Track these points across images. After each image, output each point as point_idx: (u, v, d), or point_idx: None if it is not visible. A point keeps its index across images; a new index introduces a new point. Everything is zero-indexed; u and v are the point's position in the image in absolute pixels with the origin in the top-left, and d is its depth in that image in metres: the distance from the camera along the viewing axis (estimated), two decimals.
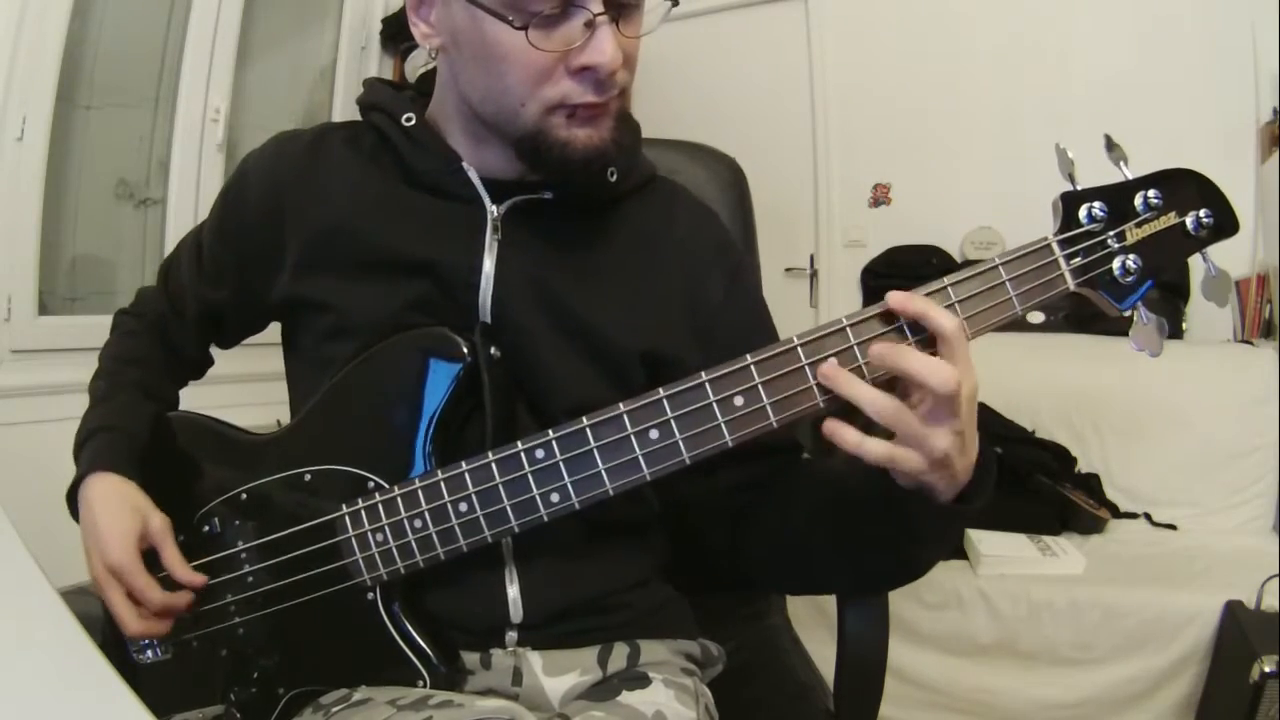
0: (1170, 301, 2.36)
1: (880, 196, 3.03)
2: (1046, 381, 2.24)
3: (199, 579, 0.72)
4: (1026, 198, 2.90)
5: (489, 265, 0.71)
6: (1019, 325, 2.43)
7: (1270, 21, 2.24)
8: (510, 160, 0.72)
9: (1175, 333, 2.36)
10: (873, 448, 0.56)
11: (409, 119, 0.73)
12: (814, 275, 3.13)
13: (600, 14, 0.62)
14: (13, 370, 1.79)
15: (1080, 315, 2.44)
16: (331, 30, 2.74)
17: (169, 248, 2.19)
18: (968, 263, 2.95)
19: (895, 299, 0.57)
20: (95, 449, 0.74)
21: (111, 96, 2.08)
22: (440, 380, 0.67)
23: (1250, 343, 2.26)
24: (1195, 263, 0.62)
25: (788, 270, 3.13)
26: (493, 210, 0.72)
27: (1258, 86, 2.40)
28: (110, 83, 2.07)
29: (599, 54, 0.62)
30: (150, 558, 0.72)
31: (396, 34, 2.81)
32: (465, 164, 0.72)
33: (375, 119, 0.75)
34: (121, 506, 0.71)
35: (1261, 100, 2.39)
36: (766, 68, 3.14)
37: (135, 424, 0.77)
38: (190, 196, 2.20)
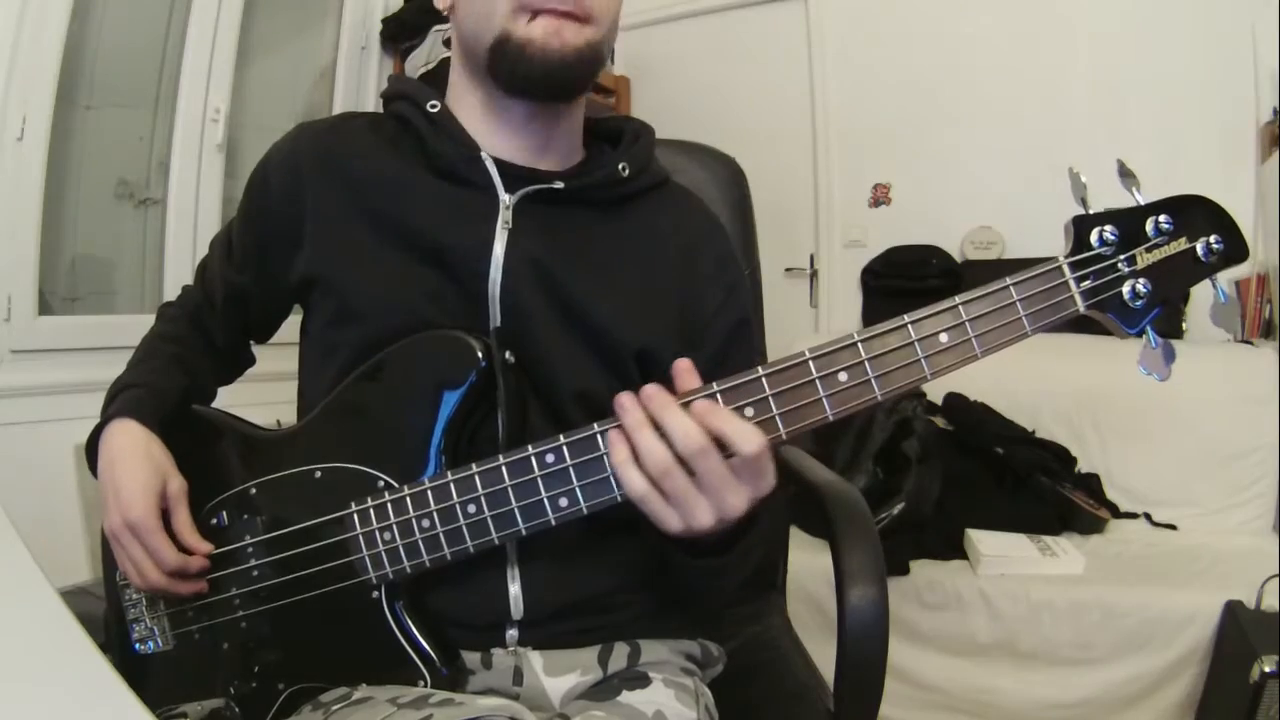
0: (1170, 302, 2.36)
1: (880, 196, 3.03)
2: (1046, 381, 2.24)
3: (205, 546, 0.73)
4: (1026, 198, 2.92)
5: (498, 251, 0.72)
6: None
7: (1270, 21, 2.24)
8: (521, 131, 0.76)
9: (1175, 333, 2.36)
10: (631, 476, 0.58)
11: (434, 105, 0.75)
12: (814, 275, 3.13)
13: None
14: (13, 370, 1.79)
15: (1080, 314, 2.44)
16: (331, 30, 2.74)
17: (169, 248, 2.22)
18: (968, 264, 2.97)
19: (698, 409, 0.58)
20: (122, 402, 0.75)
21: (111, 96, 2.08)
22: (455, 385, 0.67)
23: (1250, 343, 2.26)
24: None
25: (788, 270, 3.14)
26: (505, 198, 0.73)
27: (1258, 86, 2.40)
28: (110, 83, 2.07)
29: None
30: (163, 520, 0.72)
31: (396, 34, 2.81)
32: (483, 152, 0.74)
33: (399, 108, 0.77)
34: (144, 461, 0.72)
35: (1261, 100, 2.40)
36: (766, 68, 3.14)
37: (166, 387, 0.78)
38: (190, 196, 2.20)
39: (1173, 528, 2.05)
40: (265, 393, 1.12)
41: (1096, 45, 2.62)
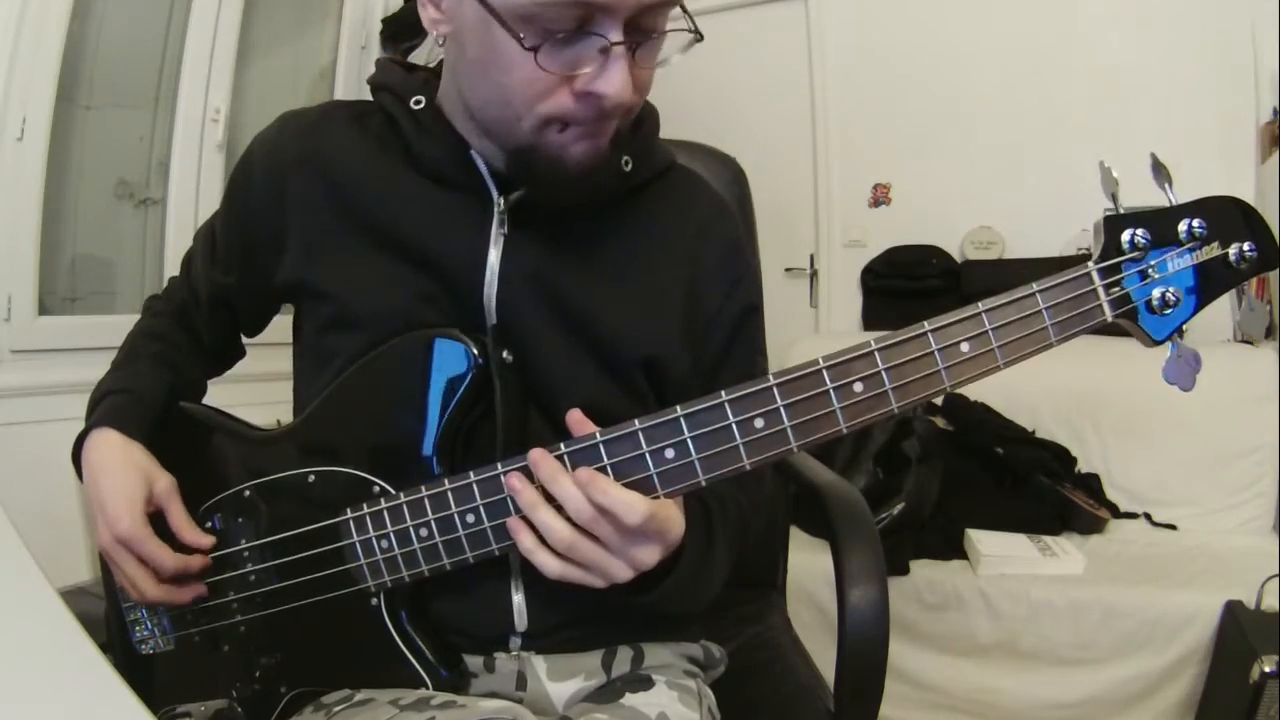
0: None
1: (880, 196, 3.03)
2: (1046, 381, 2.24)
3: (207, 540, 0.71)
4: (1026, 198, 2.92)
5: (494, 259, 0.69)
6: None
7: (1270, 21, 2.24)
8: None
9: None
10: (544, 560, 0.59)
11: (418, 102, 0.71)
12: (814, 275, 3.13)
13: (618, 43, 0.58)
14: (13, 370, 1.79)
15: None
16: (331, 30, 2.74)
17: (169, 248, 2.22)
18: (968, 264, 2.96)
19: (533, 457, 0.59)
20: (103, 410, 0.74)
21: (111, 96, 2.08)
22: (450, 384, 0.65)
23: (1250, 343, 2.26)
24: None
25: (788, 270, 3.13)
26: (499, 202, 0.70)
27: (1258, 86, 2.40)
28: (110, 83, 2.07)
29: (608, 85, 0.59)
30: (158, 521, 0.71)
31: (396, 34, 2.81)
32: (473, 152, 0.70)
33: (384, 100, 0.73)
34: (125, 470, 0.70)
35: (1261, 100, 2.40)
36: (766, 68, 3.14)
37: (150, 389, 0.76)
38: (190, 196, 2.20)
39: (1173, 528, 2.05)
40: (264, 393, 1.12)
41: (1096, 45, 2.62)
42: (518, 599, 0.70)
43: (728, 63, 3.18)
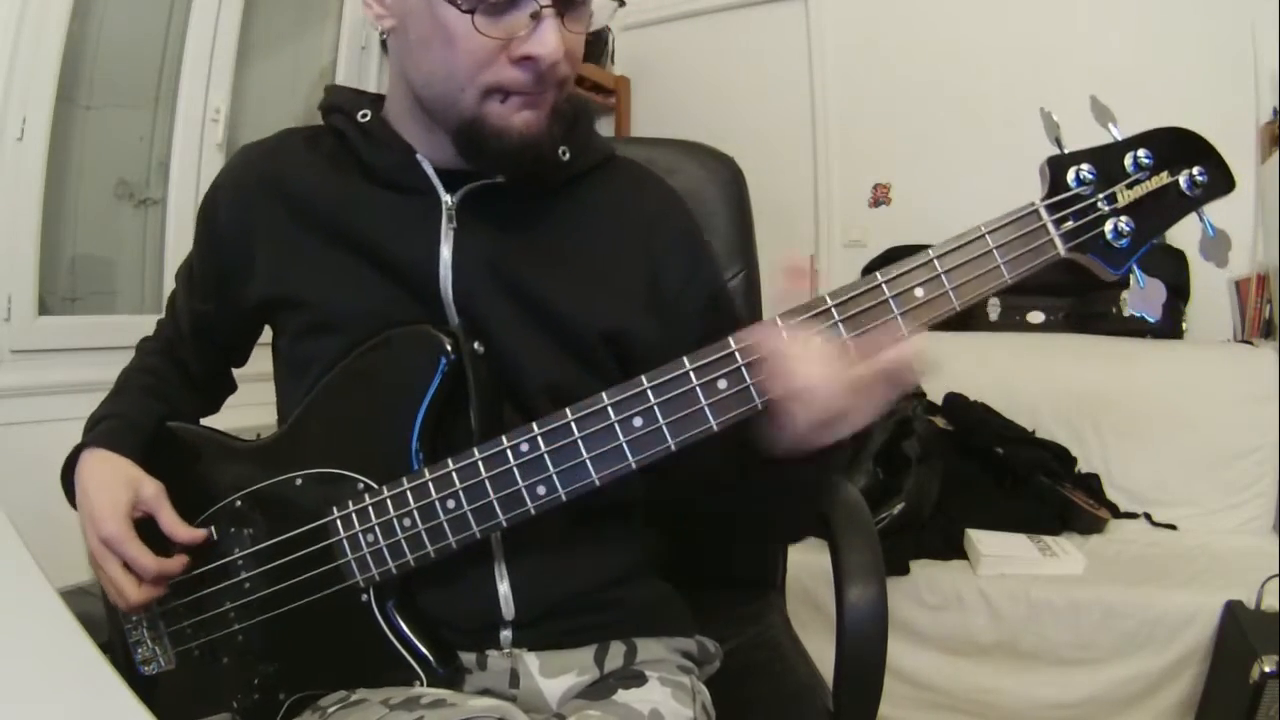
0: (1170, 302, 2.36)
1: (880, 196, 3.03)
2: (1046, 381, 2.24)
3: (199, 534, 0.73)
4: (1026, 198, 2.90)
5: (446, 254, 0.72)
6: (1019, 325, 2.44)
7: (1270, 21, 2.24)
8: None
9: (1175, 333, 2.36)
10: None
11: (364, 115, 0.75)
12: (814, 275, 3.13)
13: (547, 6, 0.63)
14: (13, 370, 1.79)
15: (1080, 315, 2.44)
16: (331, 30, 2.74)
17: (169, 248, 2.22)
18: None
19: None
20: (95, 434, 0.77)
21: (111, 96, 2.08)
22: (425, 379, 0.67)
23: (1250, 343, 2.26)
24: (1195, 261, 0.61)
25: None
26: (447, 200, 0.73)
27: (1258, 86, 2.40)
28: (110, 83, 2.07)
29: (541, 45, 0.64)
30: (150, 529, 0.73)
31: None
32: (419, 155, 0.73)
33: (334, 120, 0.77)
34: (112, 479, 0.73)
35: (1261, 100, 2.40)
36: (766, 68, 3.14)
37: (140, 416, 0.79)
38: (190, 196, 2.20)
39: (1173, 528, 2.05)
40: (265, 393, 1.12)
41: (1096, 45, 2.62)
42: (503, 588, 0.71)
43: (728, 63, 3.18)
